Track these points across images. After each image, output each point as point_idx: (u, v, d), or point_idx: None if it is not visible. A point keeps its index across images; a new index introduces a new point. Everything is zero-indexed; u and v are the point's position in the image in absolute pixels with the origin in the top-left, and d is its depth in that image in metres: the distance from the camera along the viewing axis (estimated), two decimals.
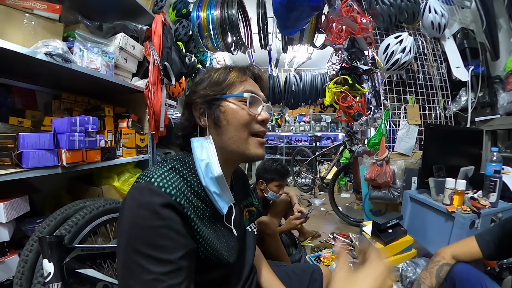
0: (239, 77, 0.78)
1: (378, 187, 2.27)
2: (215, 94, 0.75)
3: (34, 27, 1.30)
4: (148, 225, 0.55)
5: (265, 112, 0.78)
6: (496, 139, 2.46)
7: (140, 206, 0.57)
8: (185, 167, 0.71)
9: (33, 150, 1.18)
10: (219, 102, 0.75)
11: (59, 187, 1.72)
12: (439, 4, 2.52)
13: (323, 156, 5.23)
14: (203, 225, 0.67)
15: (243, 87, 0.77)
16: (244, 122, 0.74)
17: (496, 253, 1.14)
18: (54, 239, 0.79)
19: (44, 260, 0.76)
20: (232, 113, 0.74)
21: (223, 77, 0.77)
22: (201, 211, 0.68)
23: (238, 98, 0.75)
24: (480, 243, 1.16)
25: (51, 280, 0.74)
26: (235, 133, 0.74)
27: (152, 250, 0.54)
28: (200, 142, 0.74)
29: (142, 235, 0.55)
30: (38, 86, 1.67)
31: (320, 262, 2.15)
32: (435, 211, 1.80)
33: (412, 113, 2.51)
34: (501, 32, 2.46)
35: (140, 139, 1.91)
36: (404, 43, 2.26)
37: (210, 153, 0.72)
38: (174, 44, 2.19)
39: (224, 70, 0.79)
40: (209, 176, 0.71)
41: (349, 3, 2.37)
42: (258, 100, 0.78)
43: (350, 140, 3.44)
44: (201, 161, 0.72)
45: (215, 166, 0.71)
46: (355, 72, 2.44)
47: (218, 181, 0.72)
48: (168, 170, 0.66)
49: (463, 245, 1.22)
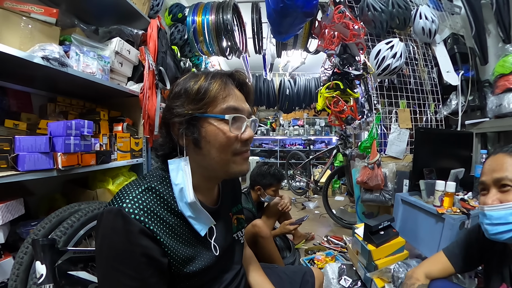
0: (221, 90, 0.70)
1: (370, 189, 2.30)
2: (193, 112, 0.69)
3: (31, 30, 1.31)
4: (120, 248, 0.60)
5: (250, 130, 0.74)
6: (486, 141, 2.50)
7: (113, 230, 0.60)
8: (164, 184, 0.71)
9: (29, 153, 1.18)
10: (199, 122, 0.69)
11: (54, 190, 1.72)
12: (429, 10, 2.58)
13: (317, 159, 5.26)
14: (176, 243, 0.68)
15: (225, 104, 0.70)
16: (227, 144, 0.70)
17: (466, 264, 1.14)
18: (46, 242, 0.80)
19: (37, 262, 0.78)
20: (213, 135, 0.69)
21: (203, 90, 0.69)
22: (177, 228, 0.69)
23: (220, 119, 0.69)
24: (449, 258, 1.16)
25: (43, 282, 0.75)
26: (217, 155, 0.70)
27: (125, 268, 0.60)
28: (176, 164, 0.71)
29: (116, 255, 0.60)
30: (34, 89, 1.67)
31: (314, 264, 2.16)
32: (426, 212, 1.82)
33: (403, 117, 2.55)
34: (490, 37, 2.52)
35: (135, 143, 1.92)
36: (395, 48, 2.30)
37: (185, 177, 0.69)
38: (169, 48, 2.21)
39: (205, 81, 0.70)
40: (183, 201, 0.69)
41: (341, 10, 2.41)
42: (242, 118, 0.72)
43: (343, 143, 3.47)
44: (175, 186, 0.70)
45: (189, 192, 0.68)
46: (346, 77, 2.47)
47: (192, 207, 0.70)
48: (143, 191, 0.66)
49: (433, 262, 1.21)
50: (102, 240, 0.62)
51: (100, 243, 0.63)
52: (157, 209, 0.65)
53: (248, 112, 0.75)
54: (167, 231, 0.66)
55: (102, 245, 0.62)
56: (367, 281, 1.73)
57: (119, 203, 0.62)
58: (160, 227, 0.64)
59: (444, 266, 1.16)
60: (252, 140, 0.76)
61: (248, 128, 0.74)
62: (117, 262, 0.60)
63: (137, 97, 1.94)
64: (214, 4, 2.74)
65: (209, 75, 0.73)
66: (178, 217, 0.70)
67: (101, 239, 0.62)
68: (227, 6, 2.69)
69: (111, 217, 0.61)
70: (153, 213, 0.64)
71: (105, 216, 0.62)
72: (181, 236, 0.69)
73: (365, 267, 1.78)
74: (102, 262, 0.62)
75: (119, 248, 0.60)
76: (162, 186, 0.70)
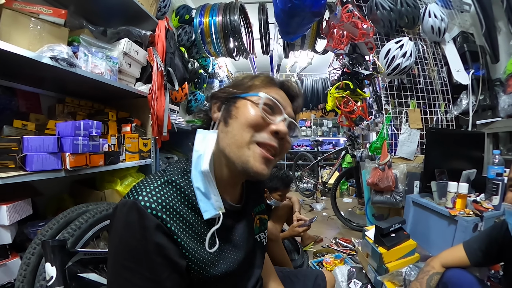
0: (266, 83, 0.73)
1: (381, 191, 2.27)
2: (236, 92, 0.71)
3: (39, 31, 1.31)
4: (134, 245, 0.56)
5: (283, 125, 0.68)
6: (497, 141, 2.46)
7: (127, 225, 0.56)
8: (185, 178, 0.67)
9: (37, 153, 1.18)
10: (237, 100, 0.70)
11: (62, 191, 1.72)
12: (438, 8, 2.56)
13: (325, 161, 5.22)
14: (196, 244, 0.63)
15: (266, 90, 0.70)
16: (251, 121, 0.66)
17: (484, 260, 1.16)
18: (56, 243, 0.80)
19: (46, 263, 0.77)
20: (242, 110, 0.68)
21: (249, 79, 0.75)
22: (197, 227, 0.64)
23: (253, 97, 0.69)
24: (467, 251, 1.18)
25: (53, 284, 0.74)
26: (238, 132, 0.66)
27: (138, 267, 0.56)
28: (204, 133, 0.70)
29: (128, 252, 0.56)
30: (42, 90, 1.67)
31: (323, 267, 2.14)
32: (438, 215, 1.80)
33: (413, 117, 2.52)
34: (500, 35, 2.48)
35: (143, 143, 1.92)
36: (405, 47, 2.28)
37: (207, 146, 0.68)
38: (177, 49, 2.21)
39: (254, 76, 0.76)
40: (197, 170, 0.66)
41: (349, 9, 2.40)
42: (278, 108, 0.69)
43: (351, 144, 3.44)
44: (196, 152, 0.68)
45: (205, 160, 0.65)
46: (356, 77, 2.46)
47: (205, 177, 0.65)
48: (162, 184, 0.62)
49: (451, 254, 1.24)
50: (114, 235, 0.59)
51: (112, 238, 0.59)
52: (177, 204, 0.61)
53: (289, 114, 0.72)
54: (186, 229, 0.62)
55: (114, 241, 0.59)
56: (377, 284, 1.71)
57: (135, 195, 0.58)
58: (179, 225, 0.60)
59: (460, 258, 1.19)
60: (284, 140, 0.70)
61: (282, 123, 0.68)
62: (129, 260, 0.56)
63: (145, 98, 1.93)
64: (221, 5, 2.75)
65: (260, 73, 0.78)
66: (198, 213, 0.65)
67: (113, 234, 0.59)
68: (234, 7, 2.69)
69: (125, 210, 0.57)
70: (172, 209, 0.60)
71: (119, 209, 0.59)
72: (202, 236, 0.65)
73: (376, 270, 1.76)
74: (113, 258, 0.58)
75: (132, 245, 0.56)
76: (183, 180, 0.66)
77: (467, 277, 1.13)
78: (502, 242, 1.09)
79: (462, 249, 1.20)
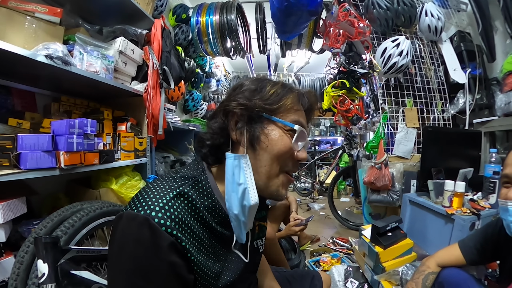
0: (295, 104, 0.69)
1: (377, 190, 2.27)
2: (263, 111, 0.65)
3: (35, 30, 1.31)
4: (144, 263, 0.53)
5: (304, 151, 0.69)
6: (494, 140, 2.46)
7: (137, 242, 0.53)
8: (197, 189, 0.64)
9: (31, 152, 1.17)
10: (265, 121, 0.65)
11: (57, 190, 1.71)
12: (435, 7, 2.56)
13: (322, 160, 5.22)
14: (206, 258, 0.62)
15: (296, 117, 0.67)
16: (283, 153, 0.65)
17: (479, 258, 1.16)
18: (49, 240, 0.79)
19: (38, 260, 0.76)
20: (275, 139, 0.64)
21: (280, 96, 0.67)
22: (206, 240, 0.63)
23: (288, 127, 0.65)
24: (463, 250, 1.18)
25: (45, 281, 0.74)
26: (269, 163, 0.64)
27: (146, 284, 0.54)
28: (238, 160, 0.63)
29: (140, 271, 0.53)
30: (38, 89, 1.67)
31: (320, 266, 2.13)
32: (435, 213, 1.80)
33: (410, 116, 2.52)
34: (497, 34, 2.49)
35: (139, 142, 1.91)
36: (401, 46, 2.28)
37: (247, 176, 0.63)
38: (173, 48, 2.21)
39: (282, 89, 0.68)
40: (242, 203, 0.63)
41: (346, 8, 2.40)
42: (304, 136, 0.68)
43: (349, 144, 3.44)
44: (239, 185, 0.62)
45: (252, 194, 0.62)
46: (352, 76, 2.46)
47: (251, 210, 0.64)
48: (174, 197, 0.59)
49: (447, 253, 1.23)
50: (122, 250, 0.55)
51: (119, 253, 0.55)
52: (188, 218, 0.59)
53: (308, 132, 0.72)
54: (197, 245, 0.60)
55: (121, 256, 0.55)
56: (374, 283, 1.70)
57: (146, 210, 0.55)
58: (191, 241, 0.59)
59: (456, 257, 1.18)
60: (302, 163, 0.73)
61: (304, 149, 0.69)
62: (139, 278, 0.53)
63: (141, 97, 1.93)
64: (218, 5, 2.75)
65: (286, 85, 0.71)
66: (206, 227, 0.64)
67: (121, 249, 0.55)
68: (231, 6, 2.69)
69: (134, 226, 0.54)
70: (184, 224, 0.58)
71: (126, 223, 0.55)
72: (208, 249, 0.64)
73: (372, 270, 1.75)
74: (120, 275, 0.55)
75: (143, 264, 0.53)
76: (194, 191, 0.63)
77: (463, 276, 1.12)
78: (497, 240, 1.08)
79: (458, 248, 1.19)
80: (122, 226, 0.56)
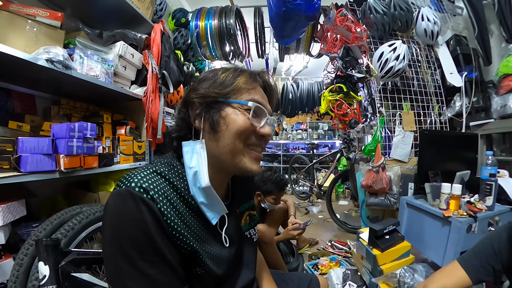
0: (247, 83, 0.72)
1: (375, 193, 2.28)
2: (217, 96, 0.69)
3: (36, 33, 1.32)
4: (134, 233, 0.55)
5: (268, 127, 0.73)
6: (491, 143, 2.49)
7: (124, 215, 0.55)
8: (173, 171, 0.68)
9: (31, 155, 1.18)
10: (221, 105, 0.69)
11: (56, 193, 1.71)
12: (431, 12, 2.59)
13: (321, 163, 5.25)
14: (187, 233, 0.63)
15: (250, 96, 0.70)
16: (244, 130, 0.68)
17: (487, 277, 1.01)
18: (50, 242, 0.80)
19: (39, 262, 0.77)
20: (232, 119, 0.67)
21: (231, 80, 0.70)
22: (187, 218, 0.65)
23: (243, 106, 0.69)
24: (466, 269, 1.03)
25: (46, 283, 0.74)
26: (231, 141, 0.67)
27: (141, 254, 0.55)
28: (192, 146, 0.69)
29: (131, 242, 0.55)
30: (38, 91, 1.68)
31: (318, 270, 2.14)
32: (432, 216, 1.80)
33: (407, 119, 2.54)
34: (492, 37, 2.51)
35: (138, 146, 1.92)
36: (398, 50, 2.30)
37: (200, 160, 0.67)
38: (172, 52, 2.23)
39: (233, 73, 0.72)
40: (196, 186, 0.67)
41: (343, 13, 2.42)
42: (264, 112, 0.72)
43: (347, 147, 3.46)
44: (190, 169, 0.67)
45: (203, 176, 0.66)
46: (349, 80, 2.48)
47: (206, 192, 0.67)
48: (151, 173, 0.63)
49: (448, 275, 1.08)
50: (114, 229, 0.56)
51: (112, 234, 0.56)
52: (168, 193, 0.62)
53: (270, 112, 0.75)
54: (178, 219, 0.62)
55: (114, 236, 0.56)
56: (372, 286, 1.71)
57: (126, 184, 0.58)
58: (172, 212, 0.61)
59: (460, 279, 1.03)
60: (268, 140, 0.76)
61: (267, 125, 0.73)
62: (131, 250, 0.54)
63: (140, 101, 1.94)
64: (217, 9, 2.77)
65: (238, 69, 0.75)
66: (188, 206, 0.66)
67: (112, 228, 0.56)
68: (230, 10, 2.72)
69: (119, 200, 0.56)
70: (164, 196, 0.60)
71: (111, 200, 0.57)
72: (191, 228, 0.65)
73: (370, 272, 1.76)
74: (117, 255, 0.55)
75: (135, 234, 0.55)
76: (171, 173, 0.67)
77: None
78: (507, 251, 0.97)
79: (459, 267, 1.04)
80: (109, 204, 0.58)
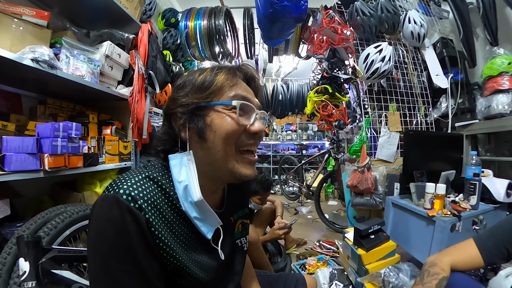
0: (228, 80, 0.66)
1: (361, 193, 2.30)
2: (198, 102, 0.64)
3: (22, 32, 1.32)
4: (116, 242, 0.53)
5: (259, 122, 0.67)
6: (476, 143, 2.55)
7: (108, 221, 0.54)
8: (166, 177, 0.64)
9: (16, 154, 1.18)
10: (204, 111, 0.64)
11: (41, 192, 1.70)
12: (418, 15, 2.63)
13: (310, 164, 5.27)
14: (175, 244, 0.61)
15: (233, 92, 0.65)
16: (233, 133, 0.63)
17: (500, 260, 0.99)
18: (31, 239, 0.80)
19: (20, 259, 0.77)
20: (219, 124, 0.63)
21: (209, 80, 0.65)
22: (176, 227, 0.62)
23: (227, 106, 0.64)
24: (481, 250, 0.99)
25: (26, 279, 0.75)
26: (222, 147, 0.63)
27: (121, 265, 0.53)
28: (179, 159, 0.64)
29: (110, 250, 0.53)
30: (24, 91, 1.67)
31: (305, 270, 2.14)
32: (417, 215, 1.81)
33: (393, 120, 2.57)
34: (477, 40, 2.57)
35: (123, 146, 1.92)
36: (384, 52, 2.33)
37: (189, 173, 0.63)
38: (159, 53, 2.23)
39: (211, 72, 0.67)
40: (188, 200, 0.62)
41: (331, 15, 2.45)
42: (251, 107, 0.66)
43: (335, 148, 3.48)
44: (179, 183, 0.63)
45: (195, 190, 0.62)
46: (335, 81, 2.50)
47: (199, 206, 0.63)
48: (142, 179, 0.59)
49: (462, 252, 1.04)
50: (96, 234, 0.55)
51: (94, 238, 0.55)
52: (158, 201, 0.59)
53: (258, 105, 0.69)
54: (166, 229, 0.59)
55: (96, 241, 0.55)
56: (358, 286, 1.72)
57: (115, 189, 0.55)
58: (160, 222, 0.58)
59: (473, 258, 1.00)
60: (262, 136, 0.70)
61: (258, 121, 0.67)
62: (113, 260, 0.53)
63: (126, 101, 1.94)
64: (207, 9, 2.78)
65: (215, 67, 0.70)
66: (179, 216, 0.63)
67: (95, 233, 0.55)
68: (220, 11, 2.73)
69: (105, 206, 0.54)
70: (153, 205, 0.57)
71: (99, 205, 0.55)
72: (180, 238, 0.63)
73: (356, 272, 1.76)
74: (96, 258, 0.55)
75: (116, 242, 0.53)
76: (164, 178, 0.63)
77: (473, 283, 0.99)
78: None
79: (474, 246, 1.01)
80: (95, 208, 0.56)
